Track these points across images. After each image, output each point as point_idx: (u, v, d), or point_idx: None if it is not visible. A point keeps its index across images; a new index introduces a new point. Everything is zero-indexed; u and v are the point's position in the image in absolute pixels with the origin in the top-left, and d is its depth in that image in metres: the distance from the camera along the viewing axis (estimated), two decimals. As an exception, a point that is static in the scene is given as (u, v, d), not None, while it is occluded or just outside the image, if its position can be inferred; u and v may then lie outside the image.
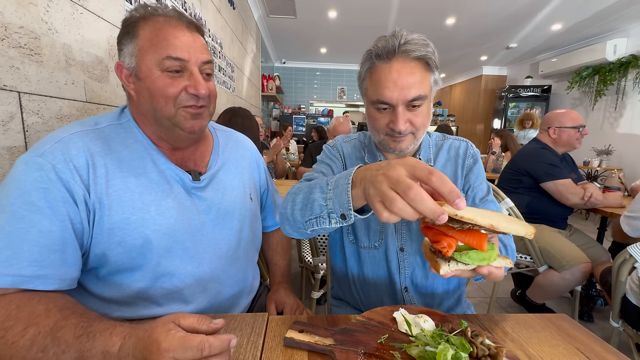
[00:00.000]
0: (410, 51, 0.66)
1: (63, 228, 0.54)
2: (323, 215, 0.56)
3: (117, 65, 0.64)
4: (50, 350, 0.44)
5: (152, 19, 0.62)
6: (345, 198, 0.51)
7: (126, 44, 0.63)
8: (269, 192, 0.98)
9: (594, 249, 1.76)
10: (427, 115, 0.73)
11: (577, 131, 1.77)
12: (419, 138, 0.75)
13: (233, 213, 0.77)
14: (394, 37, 0.68)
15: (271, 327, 0.59)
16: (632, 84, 4.40)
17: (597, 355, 0.53)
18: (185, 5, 1.93)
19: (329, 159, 0.87)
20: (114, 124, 0.66)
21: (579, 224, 4.03)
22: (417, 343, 0.51)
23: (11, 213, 0.50)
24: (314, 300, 1.53)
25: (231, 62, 3.14)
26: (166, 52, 0.60)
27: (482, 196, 0.80)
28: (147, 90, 0.62)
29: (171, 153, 0.70)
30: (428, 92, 0.70)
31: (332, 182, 0.56)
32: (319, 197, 0.57)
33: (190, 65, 0.63)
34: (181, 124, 0.64)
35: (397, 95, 0.67)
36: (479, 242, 0.46)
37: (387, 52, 0.68)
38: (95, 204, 0.58)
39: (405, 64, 0.67)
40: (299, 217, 0.61)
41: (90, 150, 0.59)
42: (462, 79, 8.33)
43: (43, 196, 0.52)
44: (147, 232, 0.61)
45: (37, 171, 0.53)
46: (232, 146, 0.85)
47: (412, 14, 4.39)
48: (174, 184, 0.67)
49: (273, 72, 7.20)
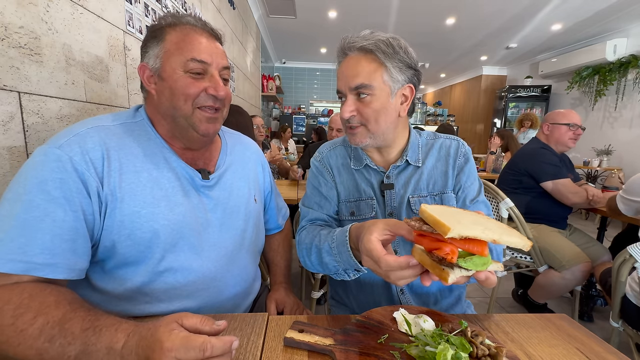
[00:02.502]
0: (356, 43, 0.71)
1: (76, 219, 0.55)
2: (340, 272, 0.69)
3: (140, 66, 0.68)
4: (57, 341, 0.45)
5: (180, 26, 0.67)
6: (352, 262, 0.63)
7: (152, 47, 0.67)
8: (272, 194, 0.99)
9: (594, 248, 1.76)
10: (381, 110, 0.72)
11: (569, 129, 1.77)
12: (374, 132, 0.74)
13: (238, 213, 0.78)
14: (350, 36, 0.73)
15: (271, 327, 0.59)
16: (632, 84, 4.40)
17: (597, 355, 0.53)
18: (185, 6, 1.93)
19: (316, 178, 0.88)
20: (128, 122, 0.68)
21: (579, 223, 4.03)
22: (417, 343, 0.50)
23: (27, 202, 0.52)
24: (314, 300, 1.53)
25: (231, 62, 3.14)
26: (191, 54, 0.64)
27: (473, 197, 0.79)
28: (169, 88, 0.65)
29: (182, 152, 0.72)
30: (376, 84, 0.71)
31: (334, 246, 0.67)
32: (331, 261, 0.69)
33: (211, 69, 0.67)
34: (196, 125, 0.68)
35: (344, 83, 0.73)
36: (480, 248, 0.45)
37: (341, 49, 0.74)
38: (108, 196, 0.59)
39: (352, 56, 0.73)
40: (322, 270, 0.74)
41: (106, 144, 0.61)
42: (462, 79, 8.33)
43: (59, 186, 0.54)
44: (156, 226, 0.63)
45: (55, 162, 0.55)
46: (239, 149, 0.88)
47: (412, 14, 4.39)
48: (184, 181, 0.69)
49: (273, 72, 7.20)
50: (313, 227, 0.81)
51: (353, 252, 0.63)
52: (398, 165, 0.80)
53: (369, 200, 0.81)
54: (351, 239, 0.63)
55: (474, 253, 0.45)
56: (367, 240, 0.53)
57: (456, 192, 0.80)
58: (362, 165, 0.83)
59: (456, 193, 0.80)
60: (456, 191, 0.80)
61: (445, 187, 0.80)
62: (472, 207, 0.78)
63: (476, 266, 0.45)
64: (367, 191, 0.82)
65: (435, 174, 0.81)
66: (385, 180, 0.80)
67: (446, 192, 0.79)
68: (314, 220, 0.84)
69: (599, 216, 1.96)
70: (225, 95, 0.69)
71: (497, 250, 0.75)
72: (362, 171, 0.83)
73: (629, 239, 1.71)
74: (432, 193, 0.79)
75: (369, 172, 0.83)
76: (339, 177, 0.85)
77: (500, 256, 0.76)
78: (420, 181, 0.80)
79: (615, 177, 2.16)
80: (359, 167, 0.83)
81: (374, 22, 4.67)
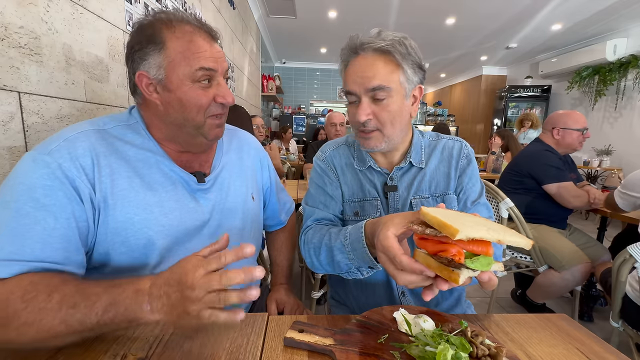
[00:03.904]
0: (372, 43, 0.69)
1: (67, 226, 0.54)
2: (352, 270, 0.68)
3: (138, 75, 0.62)
4: (81, 304, 0.45)
5: (178, 29, 0.62)
6: (367, 258, 0.62)
7: (152, 54, 0.61)
8: (272, 190, 0.96)
9: (593, 248, 1.76)
10: (397, 113, 0.72)
11: (580, 134, 1.77)
12: (389, 136, 0.73)
13: (235, 214, 0.77)
14: (361, 35, 0.71)
15: (271, 327, 0.59)
16: (632, 84, 4.40)
17: (597, 355, 0.53)
18: (185, 6, 1.93)
19: (321, 178, 0.86)
20: (121, 125, 0.66)
21: (579, 223, 4.03)
22: (417, 343, 0.50)
23: (16, 210, 0.50)
24: (314, 300, 1.53)
25: (231, 62, 3.13)
26: (198, 63, 0.62)
27: (474, 199, 0.79)
28: (178, 100, 0.63)
29: (178, 155, 0.70)
30: (394, 86, 0.69)
31: (347, 243, 0.65)
32: (343, 259, 0.67)
33: (217, 75, 0.65)
34: (206, 133, 0.67)
35: (359, 84, 0.70)
36: (485, 248, 0.45)
37: (353, 48, 0.71)
38: (100, 202, 0.58)
39: (367, 56, 0.70)
40: (331, 270, 0.73)
41: (96, 150, 0.59)
42: (462, 79, 8.33)
43: (49, 193, 0.53)
44: (150, 232, 0.62)
45: (44, 168, 0.53)
46: (235, 145, 0.85)
47: (412, 14, 4.39)
48: (178, 185, 0.68)
49: (273, 72, 7.19)
50: (320, 226, 0.80)
51: (369, 249, 0.61)
52: (401, 166, 0.80)
53: (374, 200, 0.81)
54: (366, 235, 0.62)
55: (479, 253, 0.45)
56: (383, 236, 0.51)
57: (457, 193, 0.80)
58: (365, 167, 0.82)
59: (457, 194, 0.80)
60: (457, 193, 0.80)
61: (447, 188, 0.80)
62: (473, 208, 0.78)
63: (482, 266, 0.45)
64: (371, 192, 0.81)
65: (438, 176, 0.80)
66: (388, 182, 0.80)
67: (448, 193, 0.79)
68: (320, 220, 0.82)
69: (599, 216, 1.96)
70: (234, 101, 0.69)
71: (497, 251, 0.75)
72: (365, 172, 0.83)
73: (629, 239, 1.70)
74: (434, 194, 0.79)
75: (372, 174, 0.82)
76: (343, 177, 0.84)
77: (500, 257, 0.76)
78: (422, 182, 0.79)
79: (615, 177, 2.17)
80: (362, 168, 0.83)
81: (374, 22, 4.66)
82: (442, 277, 0.46)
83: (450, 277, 0.44)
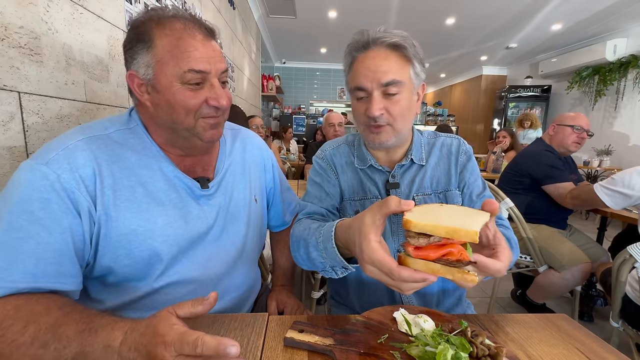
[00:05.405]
0: (384, 38, 0.69)
1: (62, 241, 0.52)
2: (327, 270, 0.64)
3: (128, 75, 0.61)
4: (52, 346, 0.43)
5: (168, 26, 0.58)
6: (338, 259, 0.59)
7: (141, 53, 0.59)
8: (276, 190, 0.95)
9: (593, 249, 1.76)
10: (407, 108, 0.72)
11: (572, 131, 1.76)
12: (399, 131, 0.74)
13: (239, 218, 0.76)
14: (370, 30, 0.71)
15: (271, 327, 0.59)
16: (632, 84, 4.40)
17: (597, 355, 0.53)
18: (185, 5, 1.93)
19: (319, 175, 0.85)
20: (122, 129, 0.64)
21: (579, 224, 4.03)
22: (417, 343, 0.50)
23: (8, 222, 0.49)
24: (314, 300, 1.53)
25: (231, 62, 3.13)
26: (187, 65, 0.58)
27: (479, 192, 0.80)
28: (167, 102, 0.60)
29: (180, 159, 0.68)
30: (406, 81, 0.70)
31: (320, 241, 0.62)
32: (317, 256, 0.64)
33: (210, 77, 0.61)
34: (200, 134, 0.64)
35: (372, 78, 0.69)
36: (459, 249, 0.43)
37: (364, 43, 0.71)
38: (101, 217, 0.57)
39: (380, 51, 0.70)
40: (311, 267, 0.69)
41: (98, 158, 0.57)
42: (462, 79, 8.33)
43: (45, 206, 0.51)
44: (155, 243, 0.61)
45: (41, 180, 0.51)
46: (238, 146, 0.84)
47: (412, 14, 4.39)
48: (182, 192, 0.66)
49: (273, 72, 7.19)
50: (308, 220, 0.78)
51: (339, 250, 0.59)
52: (403, 164, 0.80)
53: (375, 199, 0.81)
54: (337, 236, 0.59)
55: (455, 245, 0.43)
56: (370, 250, 0.47)
57: (461, 189, 0.81)
58: (366, 165, 0.82)
59: (461, 190, 0.81)
60: (461, 188, 0.81)
61: (449, 184, 0.80)
62: (479, 202, 0.78)
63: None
64: (372, 190, 0.81)
65: (439, 172, 0.81)
66: (390, 179, 0.80)
67: (450, 189, 0.80)
68: (311, 213, 0.81)
69: (599, 216, 1.96)
70: (228, 105, 0.65)
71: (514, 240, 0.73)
72: (366, 171, 0.83)
73: (629, 239, 1.70)
74: (436, 191, 0.80)
75: (373, 172, 0.82)
76: (343, 176, 0.84)
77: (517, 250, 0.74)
78: (424, 180, 0.80)
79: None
80: (363, 167, 0.83)
81: (374, 21, 4.66)
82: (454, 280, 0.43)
83: (464, 279, 0.42)
